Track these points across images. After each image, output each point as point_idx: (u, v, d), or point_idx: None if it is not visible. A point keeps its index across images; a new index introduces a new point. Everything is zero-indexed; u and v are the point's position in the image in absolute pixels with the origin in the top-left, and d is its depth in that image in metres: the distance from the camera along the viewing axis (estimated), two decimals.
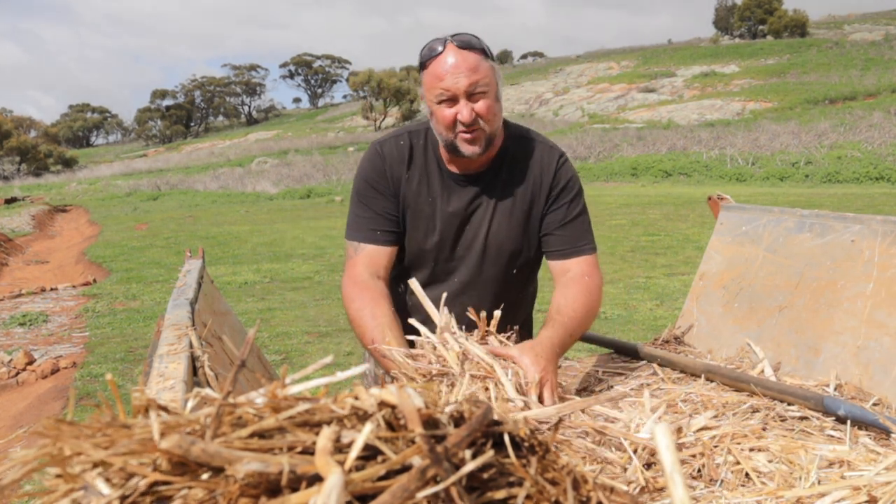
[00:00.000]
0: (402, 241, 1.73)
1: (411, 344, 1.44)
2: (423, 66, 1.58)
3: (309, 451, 0.50)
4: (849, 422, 1.36)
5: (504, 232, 1.68)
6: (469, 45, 1.53)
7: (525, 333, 1.87)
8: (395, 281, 1.77)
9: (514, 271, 1.75)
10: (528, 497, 0.54)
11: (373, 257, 1.67)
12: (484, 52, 1.55)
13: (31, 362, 4.94)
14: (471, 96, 1.52)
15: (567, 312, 1.55)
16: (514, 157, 1.69)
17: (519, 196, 1.68)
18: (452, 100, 1.53)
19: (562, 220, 1.68)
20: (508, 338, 1.46)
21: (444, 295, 1.47)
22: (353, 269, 1.66)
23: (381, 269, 1.67)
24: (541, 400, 1.31)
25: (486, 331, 1.43)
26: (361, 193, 1.71)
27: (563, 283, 1.65)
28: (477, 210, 1.68)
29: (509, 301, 1.70)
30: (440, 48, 1.53)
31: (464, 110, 1.52)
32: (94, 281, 8.43)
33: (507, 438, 0.57)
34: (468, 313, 1.45)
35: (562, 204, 1.68)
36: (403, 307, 1.74)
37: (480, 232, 1.68)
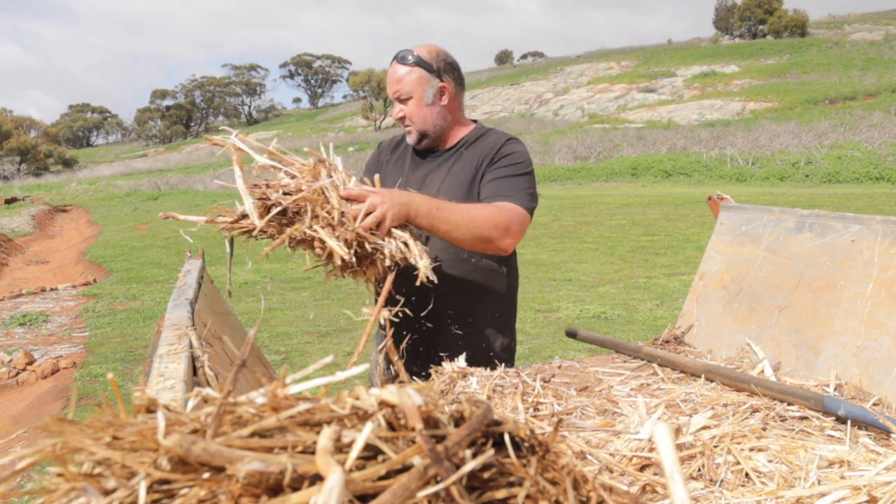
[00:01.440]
0: None
1: None
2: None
3: (309, 451, 0.50)
4: (849, 422, 1.36)
5: (450, 192, 1.90)
6: (402, 59, 1.91)
7: (496, 321, 2.02)
8: None
9: None
10: (528, 497, 0.54)
11: None
12: (417, 64, 1.90)
13: (31, 362, 4.94)
14: (401, 100, 1.92)
15: (460, 203, 1.77)
16: (470, 142, 2.00)
17: (466, 166, 1.94)
18: (395, 101, 1.94)
19: (496, 177, 1.89)
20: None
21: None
22: None
23: None
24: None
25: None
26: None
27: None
28: (433, 178, 1.98)
29: (461, 258, 1.92)
30: (391, 62, 1.93)
31: (395, 110, 1.96)
32: (94, 281, 8.44)
33: (507, 438, 0.57)
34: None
35: (499, 166, 1.90)
36: None
37: (431, 191, 1.92)
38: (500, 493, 0.53)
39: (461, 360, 1.74)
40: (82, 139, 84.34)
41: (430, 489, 0.48)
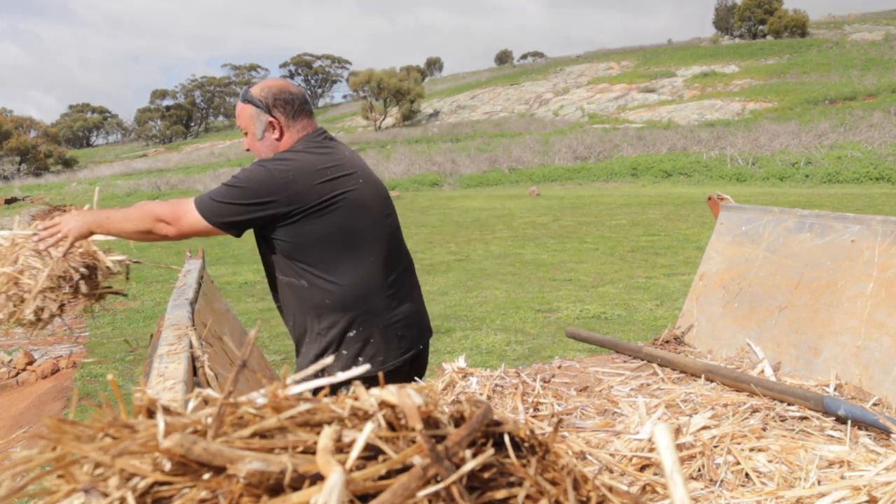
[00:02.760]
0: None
1: None
2: None
3: (310, 451, 0.50)
4: (849, 422, 1.36)
5: None
6: (241, 96, 2.04)
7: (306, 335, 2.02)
8: None
9: (264, 250, 1.98)
10: (528, 497, 0.54)
11: None
12: (248, 101, 2.00)
13: (31, 362, 4.94)
14: (245, 134, 2.04)
15: (130, 208, 2.03)
16: None
17: None
18: None
19: None
20: None
21: None
22: None
23: None
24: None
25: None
26: None
27: None
28: None
29: (276, 282, 1.99)
30: None
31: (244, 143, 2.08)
32: None
33: (507, 438, 0.57)
34: None
35: None
36: None
37: None
38: (500, 493, 0.53)
39: (461, 361, 1.74)
40: (82, 139, 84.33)
41: (431, 489, 0.48)
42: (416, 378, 1.83)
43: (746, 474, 1.16)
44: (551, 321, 5.68)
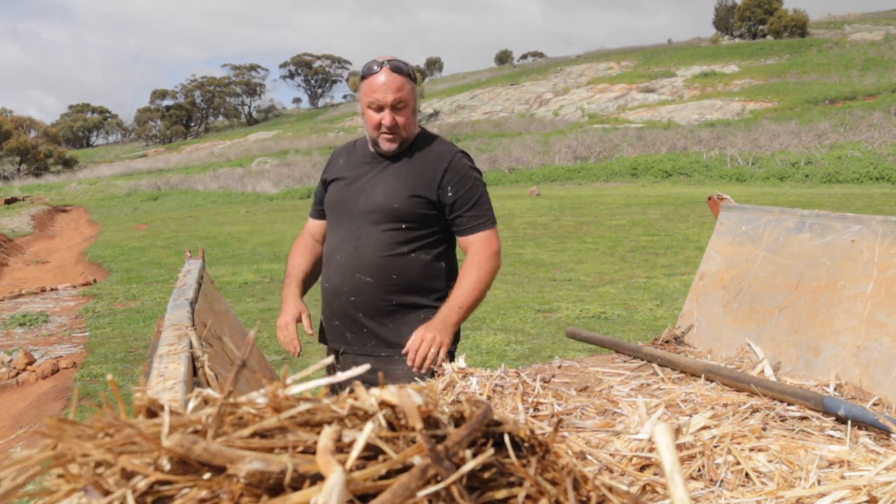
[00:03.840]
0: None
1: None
2: (363, 76, 2.06)
3: (310, 451, 0.50)
4: (849, 422, 1.36)
5: (394, 191, 2.08)
6: (398, 69, 2.02)
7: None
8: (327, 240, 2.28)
9: (403, 226, 2.08)
10: (528, 497, 0.54)
11: (311, 226, 2.38)
12: (409, 76, 2.05)
13: (31, 362, 4.94)
14: (394, 108, 2.02)
15: (458, 292, 2.05)
16: (417, 146, 2.15)
17: (415, 171, 2.10)
18: (380, 108, 2.02)
19: (465, 205, 2.10)
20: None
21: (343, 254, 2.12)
22: (301, 233, 2.41)
23: (317, 234, 2.35)
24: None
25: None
26: (316, 189, 2.40)
27: (465, 260, 2.11)
28: (380, 179, 2.13)
29: (401, 253, 2.09)
30: (377, 68, 2.03)
31: (387, 118, 2.03)
32: (94, 281, 8.44)
33: (507, 438, 0.57)
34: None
35: (461, 193, 2.10)
36: (322, 261, 2.28)
37: (377, 192, 2.10)
38: (500, 493, 0.53)
39: (461, 361, 1.74)
40: (82, 139, 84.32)
41: (431, 489, 0.48)
42: (417, 378, 1.84)
43: (746, 474, 1.16)
44: (551, 321, 5.68)
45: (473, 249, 2.12)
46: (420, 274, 2.11)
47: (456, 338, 2.16)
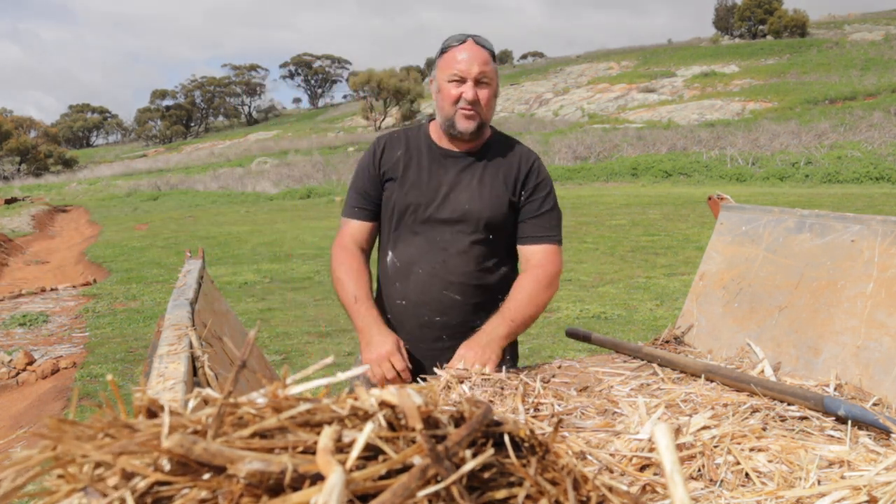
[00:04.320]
0: (380, 216, 2.01)
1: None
2: (443, 51, 1.89)
3: (310, 451, 0.50)
4: (849, 422, 1.36)
5: (484, 201, 1.91)
6: (484, 45, 1.87)
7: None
8: (385, 248, 2.02)
9: (491, 236, 1.94)
10: (528, 497, 0.54)
11: (354, 230, 2.00)
12: (493, 55, 1.89)
13: (31, 362, 4.94)
14: (477, 83, 1.84)
15: (511, 304, 1.85)
16: (497, 147, 1.99)
17: (499, 174, 1.94)
18: (461, 81, 1.84)
19: (535, 212, 1.94)
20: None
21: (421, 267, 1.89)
22: (341, 239, 2.01)
23: (363, 241, 2.00)
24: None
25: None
26: (354, 178, 2.04)
27: (523, 271, 1.94)
28: (461, 181, 1.93)
29: (485, 266, 1.94)
30: (463, 40, 1.87)
31: (469, 91, 1.84)
32: (94, 281, 8.44)
33: (507, 438, 0.57)
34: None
35: (536, 198, 1.95)
36: (385, 273, 2.02)
37: (462, 198, 1.91)
38: (500, 493, 0.53)
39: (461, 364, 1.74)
40: (82, 139, 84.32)
41: (431, 489, 0.48)
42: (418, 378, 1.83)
43: (746, 474, 1.16)
44: (551, 321, 5.67)
45: (536, 261, 1.91)
46: (503, 290, 1.92)
47: (514, 354, 2.01)
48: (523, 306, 1.85)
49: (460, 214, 1.90)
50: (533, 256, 1.92)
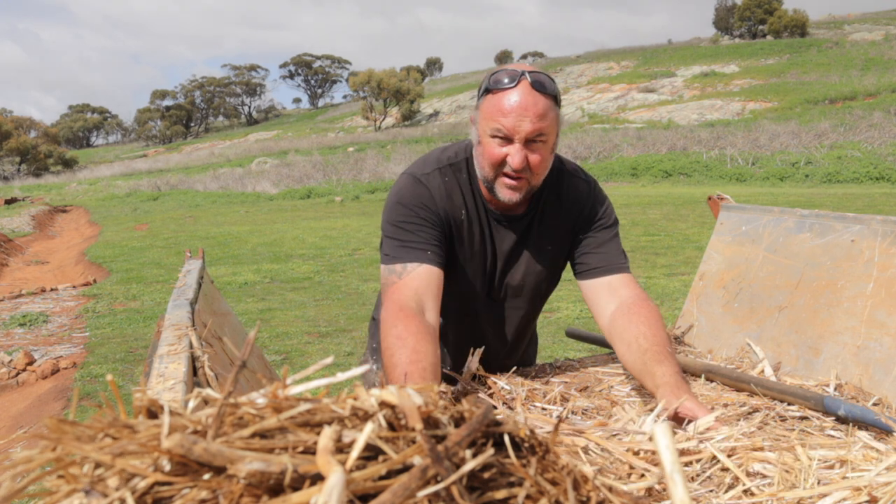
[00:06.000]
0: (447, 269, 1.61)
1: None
2: (488, 90, 1.48)
3: (310, 451, 0.50)
4: (850, 422, 1.36)
5: (544, 273, 1.69)
6: (543, 88, 1.44)
7: (531, 347, 2.04)
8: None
9: (539, 302, 1.82)
10: (528, 497, 0.54)
11: (423, 278, 1.49)
12: (555, 98, 1.47)
13: (31, 363, 4.94)
14: (528, 143, 1.45)
15: (661, 340, 1.49)
16: (550, 197, 1.66)
17: (557, 237, 1.68)
18: (507, 139, 1.45)
19: (600, 242, 1.67)
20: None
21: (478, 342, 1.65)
22: (399, 294, 1.47)
23: (432, 293, 1.49)
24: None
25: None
26: (405, 221, 1.55)
27: (629, 309, 1.55)
28: (515, 252, 1.66)
29: (530, 329, 1.88)
30: (514, 81, 1.43)
31: (517, 156, 1.44)
32: (94, 281, 8.44)
33: (507, 439, 0.57)
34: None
35: (598, 229, 1.68)
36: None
37: (517, 273, 1.67)
38: (500, 493, 0.53)
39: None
40: (82, 139, 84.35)
41: (431, 489, 0.48)
42: None
43: (747, 474, 1.16)
44: (551, 321, 5.67)
45: (628, 293, 1.58)
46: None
47: (534, 351, 2.02)
48: (665, 337, 1.52)
49: (516, 289, 1.68)
50: (618, 287, 1.60)
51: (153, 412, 0.57)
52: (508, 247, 1.64)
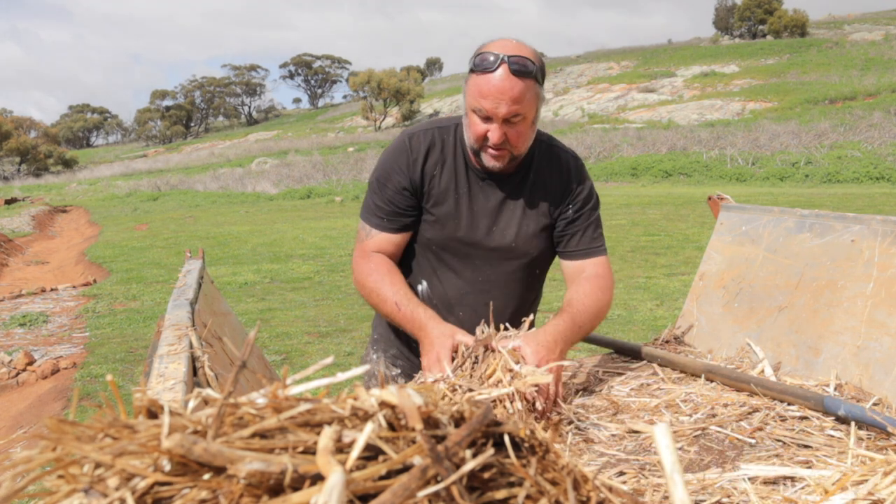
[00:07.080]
0: (414, 228, 1.78)
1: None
2: (472, 69, 1.58)
3: (310, 451, 0.50)
4: (850, 422, 1.36)
5: (531, 234, 1.76)
6: (522, 70, 1.52)
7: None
8: (417, 276, 1.84)
9: (537, 271, 1.85)
10: (528, 497, 0.54)
11: (381, 244, 1.76)
12: (535, 78, 1.56)
13: (31, 363, 4.94)
14: (506, 121, 1.56)
15: (577, 305, 1.64)
16: (540, 164, 1.76)
17: (546, 200, 1.76)
18: (487, 119, 1.57)
19: (583, 225, 1.77)
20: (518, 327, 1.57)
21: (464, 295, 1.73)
22: (364, 249, 1.77)
23: (391, 253, 1.77)
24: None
25: (504, 325, 1.57)
26: (380, 181, 1.76)
27: (578, 281, 1.74)
28: (505, 210, 1.74)
29: (526, 299, 1.85)
30: (494, 66, 1.52)
31: (495, 133, 1.57)
32: (94, 281, 8.44)
33: (507, 439, 0.57)
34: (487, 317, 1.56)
35: (582, 210, 1.78)
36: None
37: (508, 232, 1.74)
38: (500, 493, 0.53)
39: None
40: (82, 139, 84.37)
41: (431, 489, 0.48)
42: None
43: (747, 475, 1.16)
44: None
45: (592, 272, 1.73)
46: (535, 309, 1.84)
47: None
48: (590, 313, 1.64)
49: (506, 251, 1.74)
50: (587, 268, 1.75)
51: (153, 412, 0.57)
52: (494, 204, 1.73)
